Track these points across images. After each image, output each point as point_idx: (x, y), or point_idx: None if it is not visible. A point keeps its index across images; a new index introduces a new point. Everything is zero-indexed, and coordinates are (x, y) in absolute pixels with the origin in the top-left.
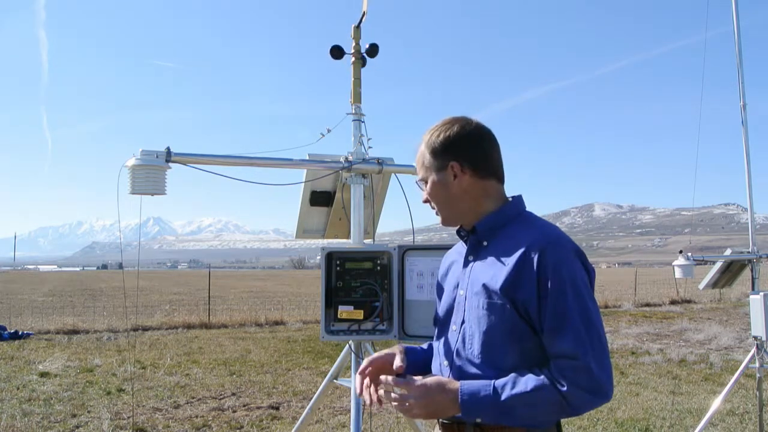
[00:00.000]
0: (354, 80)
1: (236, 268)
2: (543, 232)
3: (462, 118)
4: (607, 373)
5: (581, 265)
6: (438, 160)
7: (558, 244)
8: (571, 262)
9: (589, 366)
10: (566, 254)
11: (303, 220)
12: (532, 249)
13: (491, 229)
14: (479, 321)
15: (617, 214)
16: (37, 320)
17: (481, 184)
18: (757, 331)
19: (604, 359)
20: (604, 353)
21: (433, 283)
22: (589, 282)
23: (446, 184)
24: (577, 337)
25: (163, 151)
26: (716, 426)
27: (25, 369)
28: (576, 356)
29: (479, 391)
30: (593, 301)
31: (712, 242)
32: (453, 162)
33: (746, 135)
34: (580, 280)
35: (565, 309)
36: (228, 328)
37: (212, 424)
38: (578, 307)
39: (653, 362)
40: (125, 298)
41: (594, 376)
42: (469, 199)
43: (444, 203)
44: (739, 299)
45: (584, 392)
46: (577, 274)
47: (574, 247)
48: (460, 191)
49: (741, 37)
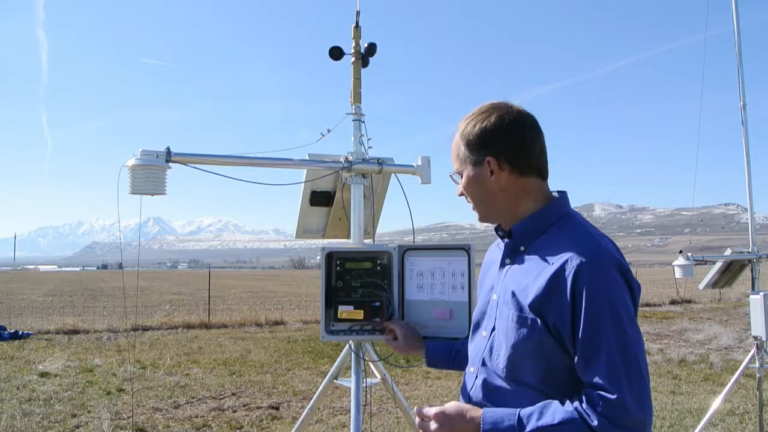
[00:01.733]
0: (354, 80)
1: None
2: (583, 243)
3: (501, 104)
4: (645, 409)
5: (624, 284)
6: (473, 153)
7: (597, 261)
8: (611, 283)
9: (623, 401)
10: (605, 274)
11: (303, 220)
12: (567, 266)
13: (530, 233)
14: (507, 333)
15: (617, 214)
16: (37, 320)
17: (520, 182)
18: (757, 331)
19: (644, 394)
20: (644, 387)
21: (433, 284)
22: (632, 302)
23: (482, 180)
24: (612, 368)
25: (163, 151)
26: (716, 426)
27: (25, 369)
28: (610, 390)
29: (503, 421)
30: (634, 328)
31: (712, 242)
32: (489, 157)
33: (746, 135)
34: (620, 303)
35: (600, 336)
36: (228, 328)
37: (212, 424)
38: (615, 334)
39: (653, 362)
40: (125, 298)
41: (629, 413)
42: (506, 197)
43: (480, 200)
44: (739, 299)
45: (617, 429)
46: (616, 296)
47: (616, 263)
48: (497, 188)
49: (741, 37)
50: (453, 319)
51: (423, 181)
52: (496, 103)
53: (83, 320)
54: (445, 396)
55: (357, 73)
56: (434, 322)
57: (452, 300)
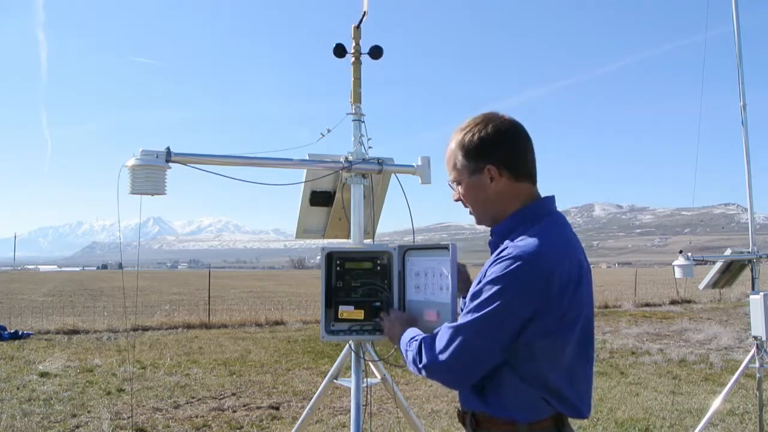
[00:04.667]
0: (354, 80)
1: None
2: (525, 244)
3: (493, 115)
4: (443, 374)
5: (539, 288)
6: (472, 162)
7: (519, 257)
8: (512, 280)
9: (436, 358)
10: (516, 270)
11: (303, 220)
12: (492, 260)
13: (506, 233)
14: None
15: (617, 214)
16: (37, 320)
17: (515, 186)
18: (757, 331)
19: (448, 364)
20: (453, 349)
21: (426, 284)
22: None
23: (482, 187)
24: (446, 331)
25: (163, 151)
26: (716, 426)
27: (25, 369)
28: (437, 343)
29: (408, 336)
30: (487, 323)
31: (712, 242)
32: (490, 165)
33: (746, 135)
34: (501, 299)
35: (468, 307)
36: (228, 328)
37: (212, 424)
38: (472, 314)
39: (653, 362)
40: (125, 298)
41: (436, 364)
42: (501, 201)
43: (480, 206)
44: (739, 299)
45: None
46: (504, 293)
47: (540, 268)
48: (495, 194)
49: (741, 37)
50: (440, 321)
51: (423, 181)
52: (488, 114)
53: (83, 320)
54: (444, 396)
55: (357, 73)
56: (425, 323)
57: (438, 301)
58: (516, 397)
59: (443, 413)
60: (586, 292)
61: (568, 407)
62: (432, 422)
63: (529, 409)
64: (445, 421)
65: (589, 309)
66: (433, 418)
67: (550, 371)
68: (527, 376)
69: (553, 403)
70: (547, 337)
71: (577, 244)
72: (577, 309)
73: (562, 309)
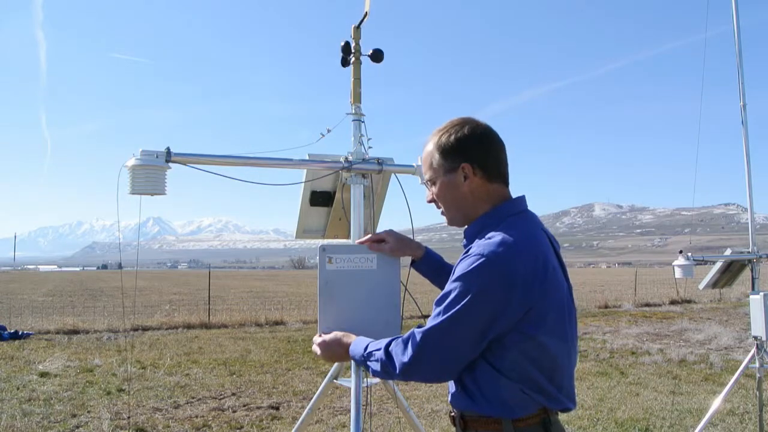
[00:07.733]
0: (354, 80)
1: (236, 268)
2: (490, 243)
3: (469, 119)
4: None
5: (502, 285)
6: (448, 161)
7: (483, 255)
8: (476, 278)
9: (404, 362)
10: (480, 267)
11: (303, 220)
12: (460, 258)
13: (477, 233)
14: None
15: (617, 214)
16: (37, 320)
17: (487, 186)
18: (757, 331)
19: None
20: (425, 351)
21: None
22: (509, 303)
23: (456, 185)
24: (414, 335)
25: (163, 151)
26: (716, 426)
27: (25, 369)
28: (404, 345)
29: (359, 346)
30: (457, 322)
31: (712, 242)
32: (465, 164)
33: (746, 135)
34: (470, 297)
35: (437, 308)
36: (228, 328)
37: (212, 424)
38: (441, 315)
39: (653, 362)
40: (124, 298)
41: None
42: (473, 200)
43: (452, 204)
44: (739, 299)
45: (391, 365)
46: (469, 289)
47: (502, 267)
48: (467, 192)
49: (741, 37)
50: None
51: (423, 181)
52: (465, 118)
53: (83, 320)
54: (444, 396)
55: (357, 74)
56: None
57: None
58: (498, 393)
59: (443, 413)
60: (553, 286)
61: (551, 400)
62: (432, 422)
63: (513, 405)
64: (445, 421)
65: (561, 302)
66: (433, 418)
67: (525, 365)
68: (505, 371)
69: (535, 398)
70: (517, 332)
71: (544, 240)
72: (544, 303)
73: (528, 304)
